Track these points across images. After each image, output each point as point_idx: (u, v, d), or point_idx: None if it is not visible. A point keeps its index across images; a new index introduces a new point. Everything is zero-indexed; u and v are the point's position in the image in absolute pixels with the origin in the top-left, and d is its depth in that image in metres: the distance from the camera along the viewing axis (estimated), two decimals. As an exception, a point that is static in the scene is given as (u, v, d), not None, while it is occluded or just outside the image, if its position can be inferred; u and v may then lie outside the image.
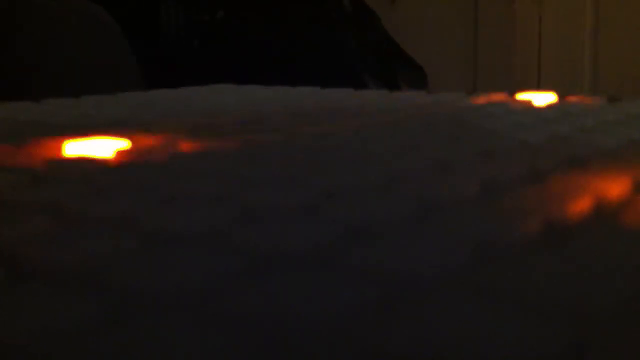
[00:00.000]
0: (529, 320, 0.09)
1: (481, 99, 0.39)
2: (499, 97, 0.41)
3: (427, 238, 0.13)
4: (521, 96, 0.40)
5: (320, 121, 0.32)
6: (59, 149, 0.24)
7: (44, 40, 0.66)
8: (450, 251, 0.12)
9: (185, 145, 0.25)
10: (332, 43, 1.13)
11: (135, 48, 0.74)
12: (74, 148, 0.24)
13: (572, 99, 0.39)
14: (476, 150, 0.22)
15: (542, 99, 0.40)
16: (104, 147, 0.25)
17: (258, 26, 1.06)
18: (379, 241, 0.12)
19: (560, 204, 0.14)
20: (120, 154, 0.23)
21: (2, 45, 0.62)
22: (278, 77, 0.66)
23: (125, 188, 0.17)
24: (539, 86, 1.14)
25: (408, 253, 0.12)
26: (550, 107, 0.35)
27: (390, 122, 0.31)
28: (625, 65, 1.04)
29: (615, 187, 0.16)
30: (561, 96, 0.41)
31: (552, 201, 0.15)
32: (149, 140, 0.26)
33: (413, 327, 0.09)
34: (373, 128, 0.29)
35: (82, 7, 0.70)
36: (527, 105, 0.37)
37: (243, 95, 0.45)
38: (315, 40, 1.12)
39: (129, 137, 0.26)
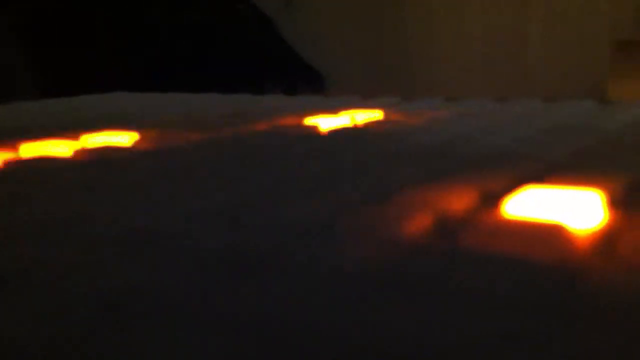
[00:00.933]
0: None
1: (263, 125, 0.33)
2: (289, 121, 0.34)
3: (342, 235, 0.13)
4: (311, 120, 0.34)
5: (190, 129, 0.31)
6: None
7: None
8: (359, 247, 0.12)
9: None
10: (230, 49, 1.13)
11: (33, 54, 0.71)
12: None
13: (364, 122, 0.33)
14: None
15: (333, 122, 0.34)
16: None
17: (155, 33, 1.04)
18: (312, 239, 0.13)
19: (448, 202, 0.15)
20: None
21: None
22: (181, 84, 0.65)
23: None
24: (433, 88, 1.18)
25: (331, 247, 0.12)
26: (332, 133, 0.29)
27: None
28: (513, 66, 1.09)
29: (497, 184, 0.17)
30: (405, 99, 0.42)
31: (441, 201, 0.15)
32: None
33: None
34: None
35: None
36: (312, 130, 0.30)
37: (136, 102, 0.44)
38: (215, 46, 1.11)
39: None
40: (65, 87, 0.61)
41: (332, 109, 0.38)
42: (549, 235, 0.13)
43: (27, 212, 0.15)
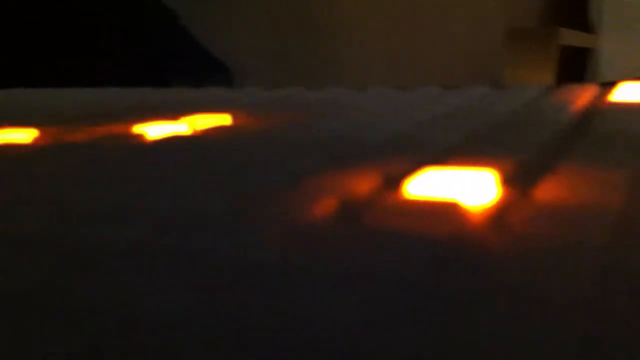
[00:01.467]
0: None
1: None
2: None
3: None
4: (141, 128, 0.30)
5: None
6: None
7: None
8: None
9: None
10: (134, 43, 1.11)
11: None
12: None
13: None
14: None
15: (167, 129, 0.30)
16: None
17: (61, 26, 1.01)
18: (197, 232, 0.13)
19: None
20: None
21: None
22: (86, 78, 0.63)
23: None
24: (339, 78, 1.19)
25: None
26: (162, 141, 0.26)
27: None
28: (414, 55, 1.11)
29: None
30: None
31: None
32: None
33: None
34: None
35: None
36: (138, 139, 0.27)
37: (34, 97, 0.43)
38: (119, 39, 1.09)
39: None
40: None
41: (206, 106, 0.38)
42: (446, 213, 0.14)
43: None
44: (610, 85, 0.37)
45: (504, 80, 0.82)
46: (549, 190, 0.15)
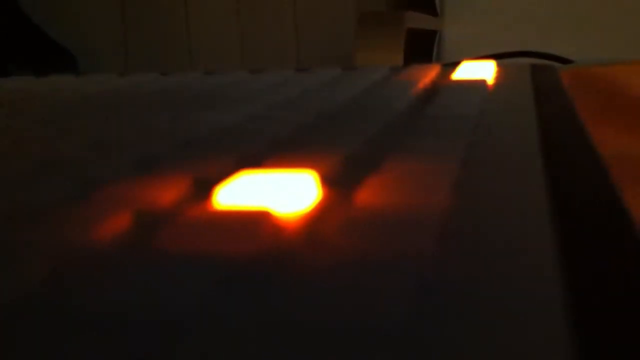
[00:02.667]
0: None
1: None
2: None
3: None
4: None
5: None
6: None
7: None
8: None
9: None
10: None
11: None
12: None
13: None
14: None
15: None
16: None
17: None
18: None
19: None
20: None
21: None
22: None
23: None
24: (192, 66, 1.16)
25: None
26: None
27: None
28: (264, 40, 1.10)
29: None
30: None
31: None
32: None
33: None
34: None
35: None
36: None
37: None
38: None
39: None
40: None
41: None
42: (255, 224, 0.12)
43: None
44: (453, 65, 0.37)
45: (354, 63, 0.83)
46: (372, 191, 0.14)
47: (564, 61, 0.55)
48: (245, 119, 0.24)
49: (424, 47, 1.02)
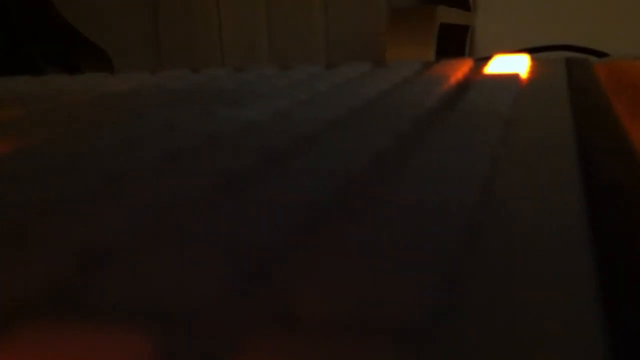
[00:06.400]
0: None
1: None
2: None
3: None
4: None
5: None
6: None
7: None
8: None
9: None
10: (4, 30, 1.03)
11: None
12: None
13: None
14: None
15: None
16: None
17: None
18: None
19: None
20: None
21: None
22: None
23: None
24: (223, 62, 1.16)
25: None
26: None
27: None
28: (294, 36, 1.10)
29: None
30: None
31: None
32: None
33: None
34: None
35: None
36: None
37: None
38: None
39: None
40: None
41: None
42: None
43: None
44: (485, 59, 0.37)
45: (386, 58, 0.82)
46: (399, 187, 0.13)
47: (600, 55, 0.54)
48: (271, 115, 0.24)
49: (456, 42, 1.01)
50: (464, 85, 0.29)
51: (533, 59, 0.33)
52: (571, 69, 0.30)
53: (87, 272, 0.10)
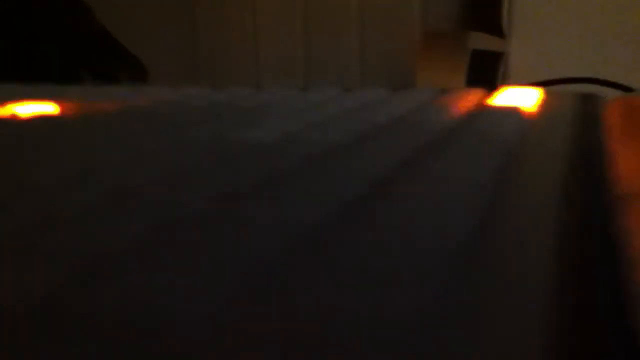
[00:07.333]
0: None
1: None
2: None
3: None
4: None
5: None
6: None
7: None
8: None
9: None
10: (45, 38, 1.06)
11: None
12: None
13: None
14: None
15: None
16: None
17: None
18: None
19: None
20: None
21: None
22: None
23: None
24: (258, 76, 1.18)
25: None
26: None
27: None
28: (334, 57, 1.11)
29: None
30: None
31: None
32: None
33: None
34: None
35: None
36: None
37: None
38: (29, 35, 1.04)
39: None
40: None
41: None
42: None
43: None
44: (505, 89, 0.37)
45: (414, 83, 0.82)
46: (385, 216, 0.14)
47: (626, 89, 0.54)
48: (279, 136, 0.25)
49: (489, 69, 1.00)
50: (469, 116, 0.29)
51: (546, 92, 0.33)
52: (582, 104, 0.30)
53: (84, 285, 0.11)
